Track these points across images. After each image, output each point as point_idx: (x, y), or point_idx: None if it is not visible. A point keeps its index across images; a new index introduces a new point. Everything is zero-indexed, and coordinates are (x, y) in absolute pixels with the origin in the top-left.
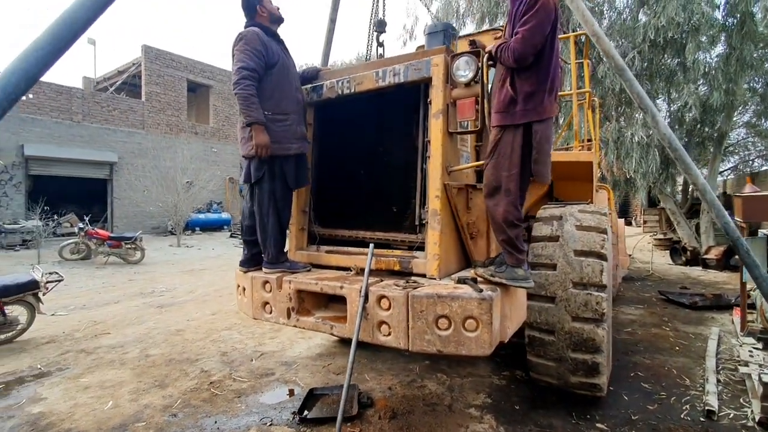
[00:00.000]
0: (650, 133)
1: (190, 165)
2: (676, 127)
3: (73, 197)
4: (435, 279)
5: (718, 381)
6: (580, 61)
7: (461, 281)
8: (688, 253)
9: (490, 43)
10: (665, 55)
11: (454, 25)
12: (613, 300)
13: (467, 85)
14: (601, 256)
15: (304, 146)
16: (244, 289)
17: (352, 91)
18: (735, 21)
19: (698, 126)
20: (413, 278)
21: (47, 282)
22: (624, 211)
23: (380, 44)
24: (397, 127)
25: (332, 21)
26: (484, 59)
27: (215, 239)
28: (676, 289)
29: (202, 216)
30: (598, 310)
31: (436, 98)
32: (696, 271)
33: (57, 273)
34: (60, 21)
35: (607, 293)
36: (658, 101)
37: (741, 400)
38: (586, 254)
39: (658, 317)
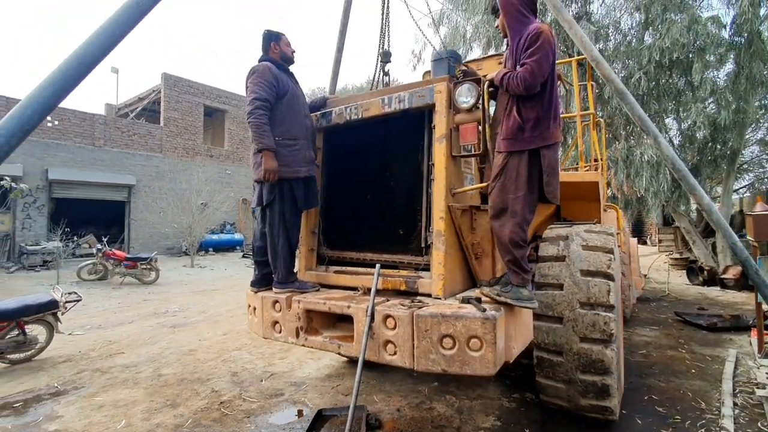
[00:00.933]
0: (659, 153)
1: (205, 187)
2: (687, 145)
3: (93, 219)
4: (440, 299)
5: (735, 404)
6: (584, 83)
7: (465, 301)
8: (705, 273)
9: (494, 69)
10: (672, 75)
11: (460, 50)
12: (626, 321)
13: (469, 110)
14: (608, 276)
15: (312, 169)
16: (254, 308)
17: (360, 117)
18: (743, 40)
19: (709, 144)
20: (419, 298)
21: (66, 302)
22: (638, 231)
23: (386, 73)
24: (402, 152)
25: (339, 50)
26: (485, 86)
27: (228, 260)
28: (693, 310)
29: (215, 237)
30: (606, 331)
31: (440, 123)
32: (714, 292)
33: (75, 293)
34: (71, 58)
35: (616, 313)
36: (667, 120)
37: (759, 425)
38: (592, 274)
39: (674, 339)
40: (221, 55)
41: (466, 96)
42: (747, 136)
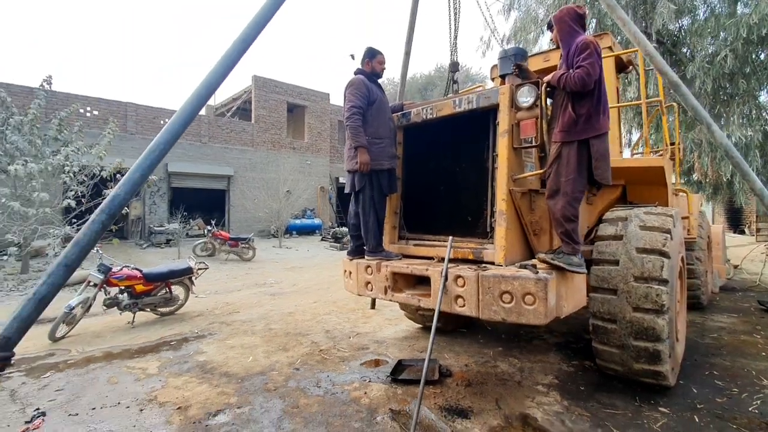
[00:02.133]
0: (749, 135)
1: (289, 176)
2: None
3: (199, 205)
4: (501, 266)
5: None
6: (651, 68)
7: (522, 266)
8: None
9: (555, 61)
10: (762, 52)
11: (531, 33)
12: (703, 307)
13: (529, 108)
14: (663, 254)
15: (394, 163)
16: (350, 273)
17: (435, 116)
18: None
19: None
20: (483, 265)
21: (198, 269)
22: (735, 220)
23: (455, 81)
24: (470, 147)
25: (407, 54)
26: (543, 87)
27: (309, 242)
28: None
29: (298, 221)
30: (658, 302)
31: (503, 120)
32: None
33: (204, 263)
34: (165, 132)
35: (669, 287)
36: (763, 98)
37: None
38: (648, 251)
39: (751, 326)
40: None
41: (526, 96)
42: None
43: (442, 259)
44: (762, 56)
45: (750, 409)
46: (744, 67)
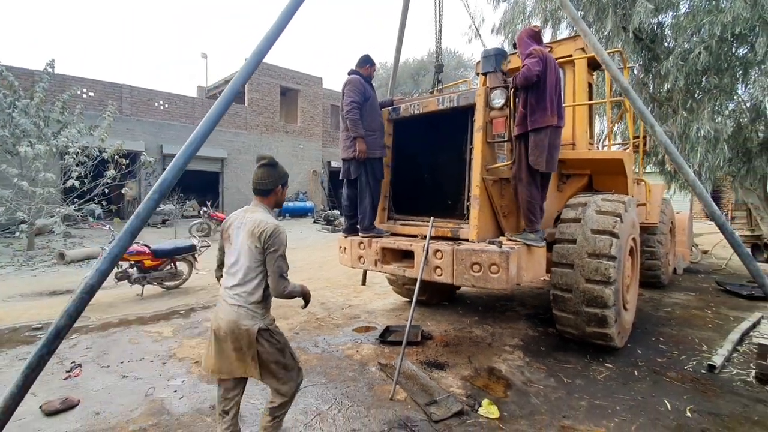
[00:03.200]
0: (718, 128)
1: (282, 160)
2: (756, 117)
3: (193, 187)
4: (474, 242)
5: (737, 350)
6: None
7: (491, 242)
8: None
9: (570, 52)
10: (737, 49)
11: (519, 25)
12: (664, 286)
13: (500, 108)
14: (613, 234)
15: (384, 152)
16: (345, 248)
17: (421, 111)
18: None
19: None
20: (459, 241)
21: (201, 246)
22: None
23: (439, 81)
24: (451, 140)
25: (398, 51)
26: (512, 92)
27: (302, 224)
28: (742, 283)
29: (291, 204)
30: (606, 275)
31: (479, 118)
32: None
33: (206, 241)
34: (196, 134)
35: (617, 263)
36: (741, 92)
37: (750, 365)
38: (600, 232)
39: (704, 303)
40: (286, 36)
41: (498, 98)
42: None
43: (425, 237)
44: (736, 53)
45: (685, 367)
46: (717, 64)
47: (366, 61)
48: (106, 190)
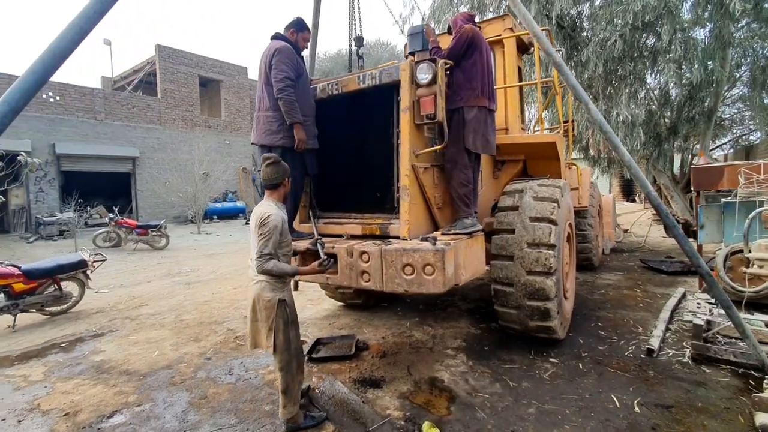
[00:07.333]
0: (635, 112)
1: (205, 157)
2: (664, 104)
3: (101, 191)
4: (406, 239)
5: (668, 329)
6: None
7: (423, 239)
8: (680, 225)
9: (499, 32)
10: (648, 37)
11: (448, 14)
12: (595, 268)
13: (428, 85)
14: (552, 221)
15: (316, 142)
16: None
17: (340, 91)
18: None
19: (686, 103)
20: (389, 239)
21: (94, 261)
22: (628, 190)
23: (360, 57)
24: (376, 124)
25: (315, 26)
26: (440, 64)
27: (232, 227)
28: (661, 259)
29: (218, 205)
30: (547, 265)
31: (404, 96)
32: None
33: (101, 254)
34: (47, 51)
35: (557, 251)
36: (649, 81)
37: (684, 344)
38: (539, 220)
39: (633, 281)
40: (207, 21)
41: (425, 73)
42: (729, 94)
43: (351, 237)
44: (646, 41)
45: (626, 354)
46: (631, 51)
47: (299, 26)
48: None
